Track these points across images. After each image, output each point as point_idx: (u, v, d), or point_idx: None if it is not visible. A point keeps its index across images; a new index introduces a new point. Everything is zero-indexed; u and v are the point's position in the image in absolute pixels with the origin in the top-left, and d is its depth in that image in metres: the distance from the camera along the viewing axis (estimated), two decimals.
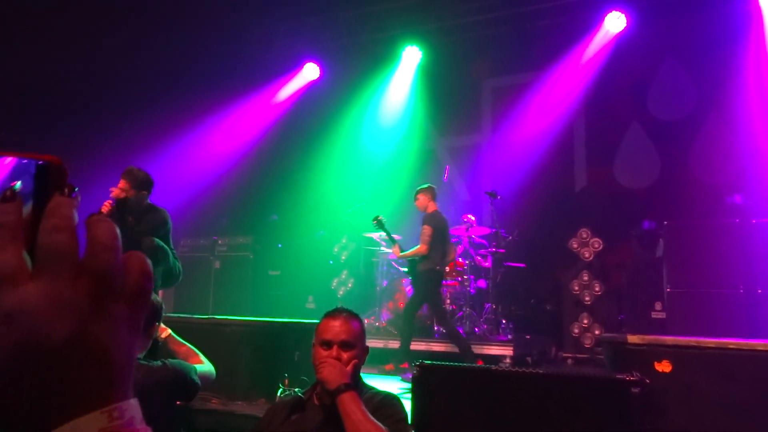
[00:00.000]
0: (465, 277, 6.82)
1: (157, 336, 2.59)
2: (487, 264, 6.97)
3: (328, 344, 2.17)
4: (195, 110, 9.17)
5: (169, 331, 2.73)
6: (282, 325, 4.30)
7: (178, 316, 4.20)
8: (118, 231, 0.49)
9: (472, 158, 9.29)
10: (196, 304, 7.90)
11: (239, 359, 3.99)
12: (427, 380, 2.60)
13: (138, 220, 4.49)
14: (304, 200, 9.00)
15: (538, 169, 8.37)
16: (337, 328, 2.18)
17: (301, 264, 8.52)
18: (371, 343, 6.05)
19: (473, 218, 7.23)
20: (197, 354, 2.74)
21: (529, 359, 6.38)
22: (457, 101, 9.48)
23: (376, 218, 6.00)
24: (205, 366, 2.66)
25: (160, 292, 4.92)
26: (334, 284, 8.36)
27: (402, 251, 5.91)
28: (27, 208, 0.50)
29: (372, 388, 2.27)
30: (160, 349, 2.66)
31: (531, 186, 8.24)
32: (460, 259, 6.93)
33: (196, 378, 2.46)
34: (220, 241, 8.32)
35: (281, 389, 3.71)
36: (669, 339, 3.02)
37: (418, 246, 5.72)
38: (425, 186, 6.17)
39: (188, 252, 8.40)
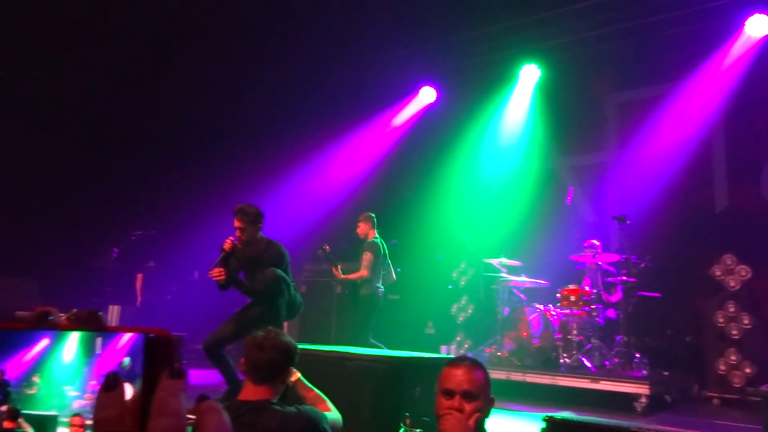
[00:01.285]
0: (593, 306, 6.41)
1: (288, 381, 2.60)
2: (616, 293, 6.52)
3: (450, 394, 2.08)
4: (316, 139, 9.51)
5: (299, 375, 2.73)
6: (406, 361, 4.23)
7: (302, 348, 4.26)
8: (227, 420, 0.45)
9: (596, 178, 8.81)
10: (319, 330, 8.09)
11: (361, 394, 3.96)
12: None
13: (260, 255, 4.65)
14: (423, 224, 8.96)
15: (671, 188, 7.76)
16: (459, 377, 2.09)
17: (421, 289, 8.49)
18: (492, 374, 5.85)
19: (599, 243, 6.82)
20: (325, 401, 2.72)
21: (667, 398, 5.85)
22: (580, 118, 9.06)
23: (322, 248, 6.32)
24: (333, 414, 2.64)
25: (285, 323, 5.06)
26: (454, 310, 8.23)
27: (343, 274, 6.38)
28: (137, 385, 0.47)
29: None
30: (288, 392, 2.68)
31: (664, 207, 7.65)
32: (587, 288, 6.55)
33: (327, 427, 2.43)
34: (341, 267, 8.45)
35: (403, 429, 3.64)
36: None
37: (360, 270, 6.24)
38: (366, 214, 6.65)
39: (311, 277, 8.64)
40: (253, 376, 2.39)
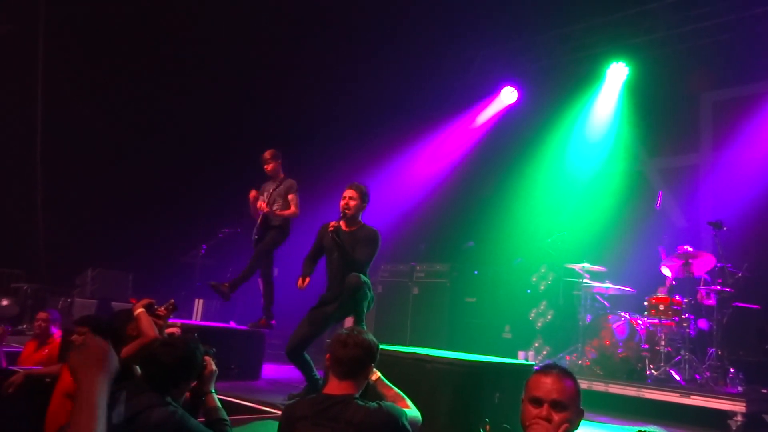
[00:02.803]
0: (683, 316, 6.10)
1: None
2: (710, 303, 6.18)
3: (538, 402, 2.04)
4: (397, 139, 9.58)
5: (379, 374, 2.80)
6: (485, 365, 4.20)
7: (381, 349, 4.31)
8: None
9: (688, 181, 8.40)
10: (395, 330, 8.15)
11: (439, 397, 3.96)
12: None
13: (357, 232, 4.70)
14: (502, 227, 8.83)
15: None
16: (548, 385, 2.04)
17: (498, 292, 8.39)
18: None
19: (692, 250, 6.49)
20: (404, 399, 2.77)
21: (767, 418, 5.48)
22: (671, 118, 8.65)
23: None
24: (413, 411, 2.68)
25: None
26: (533, 315, 8.06)
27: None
28: None
29: None
30: (369, 391, 2.74)
31: (764, 213, 7.18)
32: (677, 297, 6.24)
33: (407, 423, 2.48)
34: (418, 267, 8.51)
35: None
36: None
37: (292, 209, 6.17)
38: (275, 151, 6.41)
39: (388, 277, 8.72)
40: (336, 372, 2.52)
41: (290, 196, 6.22)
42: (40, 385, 3.99)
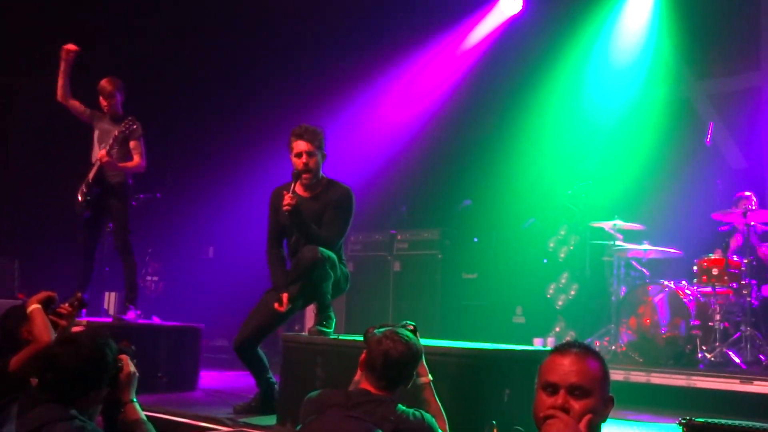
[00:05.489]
0: (743, 282, 6.29)
1: (416, 377, 3.13)
2: None
3: (553, 388, 2.10)
4: (365, 66, 9.49)
5: (431, 379, 3.25)
6: (489, 354, 4.28)
7: (353, 340, 4.35)
8: None
9: (747, 109, 8.56)
10: (372, 318, 8.18)
11: None
12: None
13: (321, 195, 4.69)
14: (507, 179, 8.92)
15: None
16: (566, 367, 2.10)
17: (505, 264, 8.50)
18: None
19: (753, 197, 6.65)
20: (444, 420, 3.21)
21: None
22: (725, 27, 8.76)
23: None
24: None
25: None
26: (551, 292, 8.21)
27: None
28: None
29: None
30: (411, 389, 3.13)
31: None
32: (735, 257, 6.42)
33: None
34: (399, 237, 8.54)
35: None
36: None
37: (136, 159, 6.09)
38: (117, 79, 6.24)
39: (360, 251, 8.75)
40: (374, 382, 2.94)
41: (132, 143, 6.10)
42: None
